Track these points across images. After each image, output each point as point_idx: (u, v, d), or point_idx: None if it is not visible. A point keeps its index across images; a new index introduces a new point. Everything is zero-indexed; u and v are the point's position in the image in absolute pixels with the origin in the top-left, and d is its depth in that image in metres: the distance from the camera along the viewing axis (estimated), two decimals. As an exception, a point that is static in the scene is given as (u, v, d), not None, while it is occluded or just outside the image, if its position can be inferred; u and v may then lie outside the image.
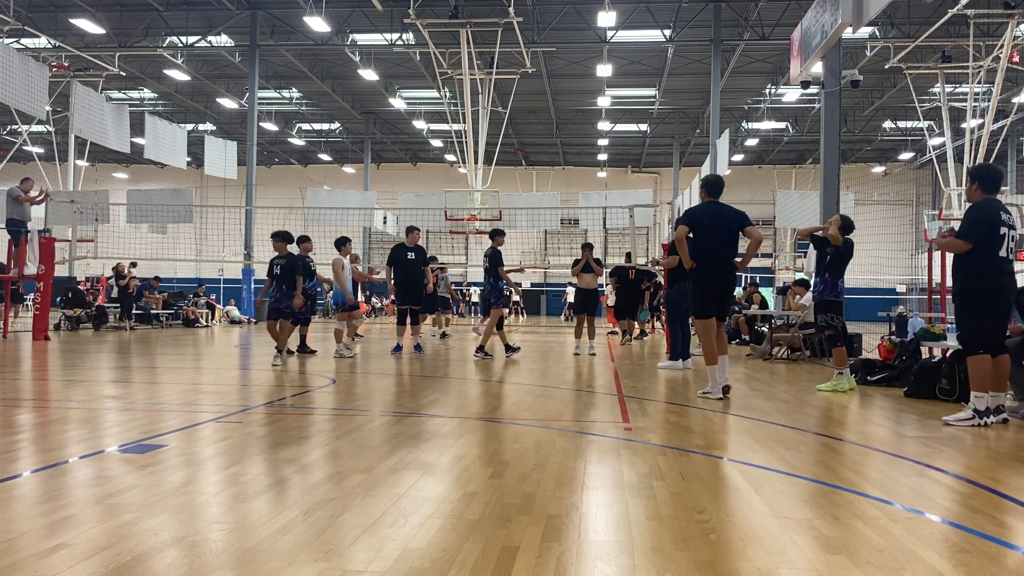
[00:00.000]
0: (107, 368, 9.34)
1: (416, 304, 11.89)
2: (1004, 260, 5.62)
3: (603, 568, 2.57)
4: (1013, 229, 5.71)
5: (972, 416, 5.59)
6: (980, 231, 5.58)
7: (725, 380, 6.97)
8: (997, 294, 5.65)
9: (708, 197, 7.32)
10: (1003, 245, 5.59)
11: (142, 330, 18.60)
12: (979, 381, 5.61)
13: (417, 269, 11.79)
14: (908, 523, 3.15)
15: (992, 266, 5.60)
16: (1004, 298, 5.71)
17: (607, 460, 4.24)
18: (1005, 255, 5.61)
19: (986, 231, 5.57)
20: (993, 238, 5.58)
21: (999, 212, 5.64)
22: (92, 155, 32.08)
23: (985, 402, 5.57)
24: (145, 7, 24.44)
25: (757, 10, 23.63)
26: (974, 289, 5.67)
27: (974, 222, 5.63)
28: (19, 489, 3.50)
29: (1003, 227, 5.59)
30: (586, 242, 12.50)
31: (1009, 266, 5.69)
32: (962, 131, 24.69)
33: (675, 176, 38.79)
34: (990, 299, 5.66)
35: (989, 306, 5.66)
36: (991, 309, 5.66)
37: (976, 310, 5.68)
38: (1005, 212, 5.69)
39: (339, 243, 11.86)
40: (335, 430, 5.06)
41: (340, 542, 2.77)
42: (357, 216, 26.91)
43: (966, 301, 5.71)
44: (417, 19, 20.58)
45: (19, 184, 14.27)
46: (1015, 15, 19.94)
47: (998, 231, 5.57)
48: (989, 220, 5.59)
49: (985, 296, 5.66)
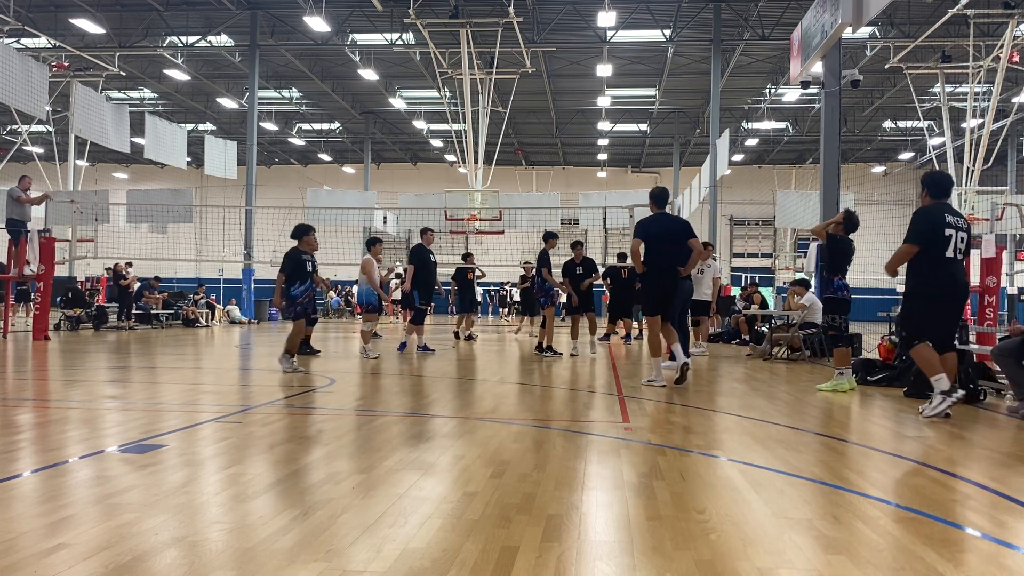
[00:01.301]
0: (107, 368, 9.34)
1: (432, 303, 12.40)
2: (951, 261, 5.83)
3: (603, 568, 2.57)
4: (962, 231, 5.90)
5: (941, 399, 5.76)
6: (922, 236, 5.84)
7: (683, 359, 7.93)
8: (941, 294, 5.85)
9: (657, 208, 8.03)
10: (949, 246, 5.81)
11: (142, 330, 18.59)
12: (929, 365, 5.83)
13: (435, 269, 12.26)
14: (908, 523, 3.15)
15: (937, 267, 5.82)
16: (950, 298, 5.89)
17: (607, 460, 4.24)
18: (952, 256, 5.82)
19: (929, 234, 5.81)
20: (938, 240, 5.79)
21: (944, 215, 5.87)
22: (92, 155, 32.09)
23: (945, 381, 5.75)
24: (145, 7, 24.44)
25: (757, 10, 23.63)
26: (920, 290, 5.88)
27: (916, 226, 5.89)
28: (19, 489, 3.50)
29: (948, 229, 5.81)
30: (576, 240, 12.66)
31: (954, 267, 5.87)
32: (962, 131, 24.70)
33: (675, 176, 38.79)
34: (934, 299, 5.86)
35: (933, 306, 5.86)
36: (935, 309, 5.87)
37: (921, 310, 5.90)
38: (952, 215, 5.91)
39: (370, 243, 11.86)
40: (335, 430, 5.06)
41: (340, 542, 2.77)
42: (357, 216, 26.90)
43: (912, 301, 5.93)
44: (417, 19, 20.57)
45: (17, 183, 14.27)
46: (1015, 15, 19.95)
47: (943, 233, 5.79)
48: (932, 223, 5.82)
49: (929, 297, 5.86)
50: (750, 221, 43.00)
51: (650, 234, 7.89)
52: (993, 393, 7.40)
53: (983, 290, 10.59)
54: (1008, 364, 6.50)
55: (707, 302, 12.93)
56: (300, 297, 9.26)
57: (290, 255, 9.28)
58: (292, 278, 9.19)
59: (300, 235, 9.43)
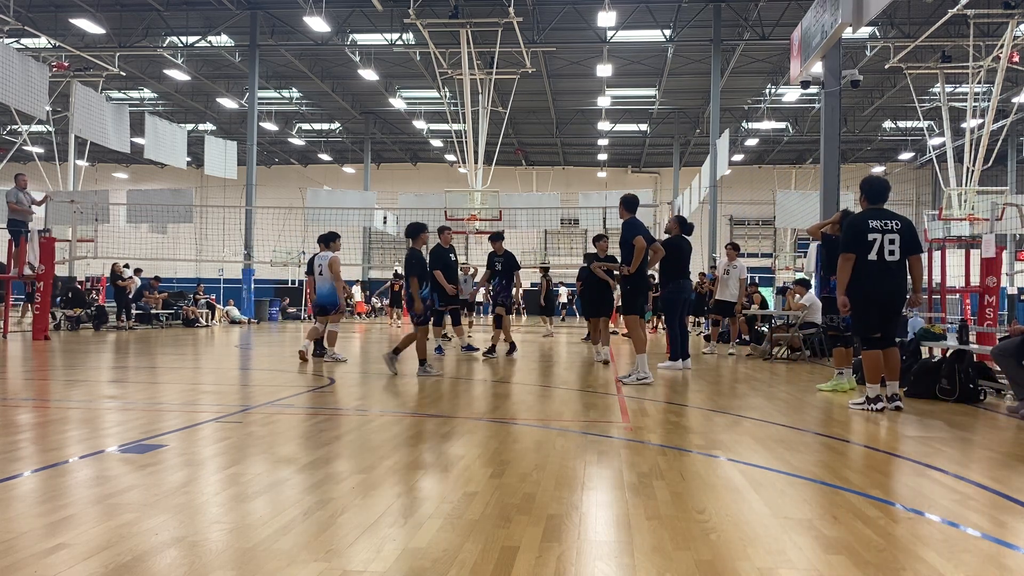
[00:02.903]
0: (107, 368, 9.34)
1: (458, 304, 12.15)
2: (874, 263, 6.19)
3: (603, 568, 2.57)
4: (891, 232, 6.23)
5: (864, 402, 6.36)
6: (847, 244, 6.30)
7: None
8: (866, 293, 6.23)
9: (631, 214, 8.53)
10: (872, 249, 6.18)
11: (142, 330, 18.59)
12: (870, 371, 6.34)
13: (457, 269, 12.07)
14: (908, 523, 3.15)
15: (862, 270, 6.21)
16: (874, 296, 6.25)
17: (607, 460, 4.24)
18: (876, 258, 6.18)
19: (852, 241, 6.25)
20: (862, 244, 6.19)
21: (868, 220, 6.26)
22: (92, 155, 32.08)
23: (876, 391, 6.29)
24: (145, 7, 24.43)
25: (757, 10, 23.63)
26: (851, 292, 6.28)
27: (844, 235, 6.41)
28: (19, 489, 3.50)
29: (872, 233, 6.20)
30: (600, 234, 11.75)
31: (878, 267, 6.19)
32: (962, 131, 24.69)
33: (675, 176, 38.79)
34: (861, 298, 6.25)
35: (862, 305, 6.27)
36: (864, 307, 6.27)
37: (855, 310, 6.31)
38: (878, 219, 6.26)
39: (331, 238, 10.81)
40: (335, 430, 5.06)
41: (340, 542, 2.77)
42: (357, 216, 26.92)
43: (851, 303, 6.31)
44: (417, 19, 20.57)
45: (14, 183, 14.28)
46: (1015, 15, 19.94)
47: (866, 238, 6.20)
48: (855, 230, 6.26)
49: (857, 296, 6.26)
50: (750, 221, 43.00)
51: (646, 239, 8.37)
52: (993, 393, 7.40)
53: (983, 290, 10.59)
54: (1008, 364, 6.51)
55: (731, 303, 12.91)
56: (428, 299, 8.93)
57: (416, 256, 8.72)
58: (421, 279, 8.69)
59: (416, 233, 8.86)
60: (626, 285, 8.57)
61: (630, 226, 8.44)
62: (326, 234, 10.87)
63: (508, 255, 12.27)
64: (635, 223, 8.49)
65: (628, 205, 8.62)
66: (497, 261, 12.15)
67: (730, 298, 12.85)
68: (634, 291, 8.50)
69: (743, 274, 12.91)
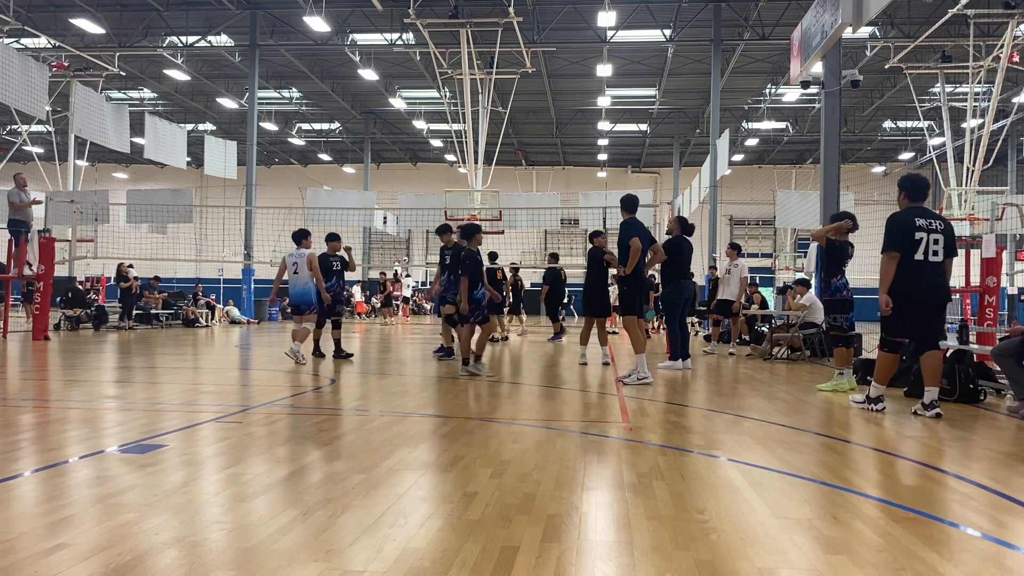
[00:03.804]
0: (107, 368, 9.34)
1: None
2: (920, 263, 5.97)
3: (603, 568, 2.57)
4: (935, 232, 6.03)
5: (864, 400, 6.33)
6: (896, 242, 6.02)
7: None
8: (911, 296, 6.00)
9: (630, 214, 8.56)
10: (919, 249, 5.96)
11: (142, 330, 18.59)
12: (881, 372, 6.26)
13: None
14: (908, 523, 3.15)
15: (907, 270, 5.97)
16: (920, 299, 6.02)
17: (607, 460, 4.24)
18: (922, 258, 5.96)
19: (901, 239, 5.99)
20: (908, 244, 5.97)
21: (914, 218, 6.02)
22: (92, 155, 32.08)
23: (878, 390, 6.25)
24: (145, 7, 24.43)
25: (757, 10, 23.62)
26: (894, 291, 6.03)
27: (889, 233, 6.11)
28: (19, 489, 3.50)
29: (919, 232, 5.98)
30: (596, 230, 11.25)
31: (924, 268, 5.99)
32: (962, 131, 24.69)
33: (675, 176, 38.79)
34: (904, 300, 6.00)
35: (903, 307, 6.01)
36: (906, 309, 6.02)
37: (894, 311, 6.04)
38: (927, 218, 6.05)
39: (303, 235, 10.49)
40: (335, 430, 5.06)
41: (340, 542, 2.77)
42: (357, 216, 26.91)
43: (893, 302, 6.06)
44: (417, 19, 20.57)
45: (14, 183, 14.29)
46: (1015, 15, 19.94)
47: (914, 236, 5.98)
48: (904, 228, 6.00)
49: (899, 296, 5.99)
50: (750, 221, 43.00)
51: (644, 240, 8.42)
52: (993, 393, 7.40)
53: (983, 290, 10.59)
54: (1008, 364, 6.51)
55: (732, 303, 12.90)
56: (483, 300, 8.88)
57: (472, 256, 8.66)
58: (475, 280, 8.65)
59: (472, 234, 8.82)
60: (623, 286, 8.57)
61: (628, 227, 8.46)
62: (298, 231, 10.56)
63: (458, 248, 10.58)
64: (633, 223, 8.51)
65: (627, 206, 8.65)
66: (446, 255, 10.71)
67: (731, 297, 12.86)
68: (631, 292, 8.50)
69: (744, 273, 12.90)
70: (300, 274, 10.21)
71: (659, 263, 9.48)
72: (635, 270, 8.38)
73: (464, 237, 8.92)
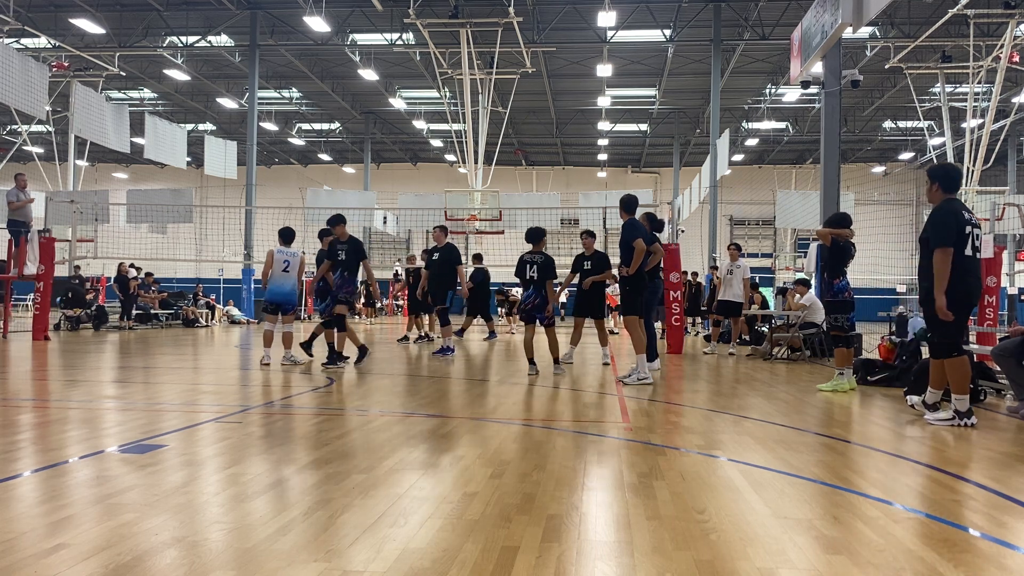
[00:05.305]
0: (107, 368, 9.34)
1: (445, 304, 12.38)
2: (970, 259, 5.62)
3: (603, 568, 2.57)
4: (977, 227, 5.73)
5: (955, 417, 5.61)
6: (951, 236, 5.54)
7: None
8: (963, 294, 5.61)
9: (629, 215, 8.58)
10: (968, 244, 5.59)
11: (142, 330, 18.59)
12: (963, 381, 5.62)
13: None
14: (908, 523, 3.15)
15: (959, 267, 5.55)
16: (969, 298, 5.69)
17: (607, 460, 4.24)
18: (971, 254, 5.62)
19: (953, 233, 5.55)
20: (960, 238, 5.58)
21: (961, 212, 5.66)
22: (92, 155, 32.06)
23: (966, 403, 5.60)
24: (145, 7, 24.43)
25: (757, 10, 23.63)
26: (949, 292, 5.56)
27: (944, 227, 5.58)
28: (19, 489, 3.50)
29: (967, 226, 5.61)
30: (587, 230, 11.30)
31: (973, 265, 5.68)
32: (962, 131, 24.68)
33: (675, 176, 38.78)
34: (958, 300, 5.58)
35: (957, 307, 5.58)
36: (958, 310, 5.60)
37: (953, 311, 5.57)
38: (966, 211, 5.72)
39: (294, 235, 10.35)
40: (335, 430, 5.06)
41: (340, 542, 2.77)
42: (357, 216, 26.89)
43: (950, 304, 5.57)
44: (417, 19, 20.57)
45: (14, 183, 14.29)
46: (1015, 15, 19.94)
47: (963, 231, 5.59)
48: (955, 221, 5.58)
49: (954, 297, 5.56)
50: (750, 221, 42.98)
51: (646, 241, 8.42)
52: (993, 393, 7.40)
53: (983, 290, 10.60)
54: (1008, 364, 6.50)
55: (737, 303, 12.90)
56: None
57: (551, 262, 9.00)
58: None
59: (539, 238, 9.09)
60: (625, 286, 8.57)
61: (630, 227, 8.45)
62: (290, 230, 10.32)
63: (353, 241, 9.77)
64: (635, 224, 8.52)
65: (627, 206, 8.67)
66: (340, 249, 9.67)
67: (733, 298, 12.86)
68: (633, 292, 8.50)
69: (747, 274, 12.91)
70: (291, 273, 10.08)
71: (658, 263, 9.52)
72: (638, 271, 8.38)
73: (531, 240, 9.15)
